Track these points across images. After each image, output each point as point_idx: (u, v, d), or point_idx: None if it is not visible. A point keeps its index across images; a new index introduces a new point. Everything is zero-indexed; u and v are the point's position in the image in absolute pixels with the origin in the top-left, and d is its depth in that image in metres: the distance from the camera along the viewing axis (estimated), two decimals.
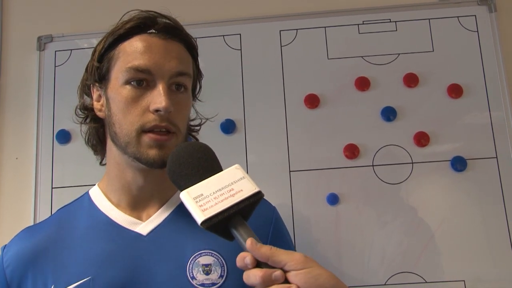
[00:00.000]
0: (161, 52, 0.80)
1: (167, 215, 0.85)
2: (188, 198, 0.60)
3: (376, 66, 1.38)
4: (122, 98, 0.79)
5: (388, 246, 1.27)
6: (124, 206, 0.85)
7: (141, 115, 0.78)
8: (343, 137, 1.34)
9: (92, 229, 0.83)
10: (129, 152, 0.79)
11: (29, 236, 0.86)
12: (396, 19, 1.40)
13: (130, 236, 0.82)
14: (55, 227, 0.86)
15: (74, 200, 0.92)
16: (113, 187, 0.87)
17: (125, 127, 0.79)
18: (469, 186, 1.29)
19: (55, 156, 1.38)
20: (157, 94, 0.78)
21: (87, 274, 0.78)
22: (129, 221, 0.83)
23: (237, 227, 0.59)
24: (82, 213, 0.87)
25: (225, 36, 1.42)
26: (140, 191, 0.85)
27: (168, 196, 0.87)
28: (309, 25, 1.41)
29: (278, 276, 0.55)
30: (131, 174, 0.84)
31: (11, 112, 1.45)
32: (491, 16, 1.38)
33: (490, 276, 1.24)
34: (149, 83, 0.79)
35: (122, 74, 0.79)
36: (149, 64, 0.78)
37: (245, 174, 0.62)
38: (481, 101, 1.34)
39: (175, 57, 0.81)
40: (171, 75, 0.80)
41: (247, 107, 1.38)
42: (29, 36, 1.47)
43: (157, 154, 0.78)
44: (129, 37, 0.82)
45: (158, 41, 0.81)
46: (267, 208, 0.92)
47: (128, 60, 0.80)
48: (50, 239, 0.83)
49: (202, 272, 0.79)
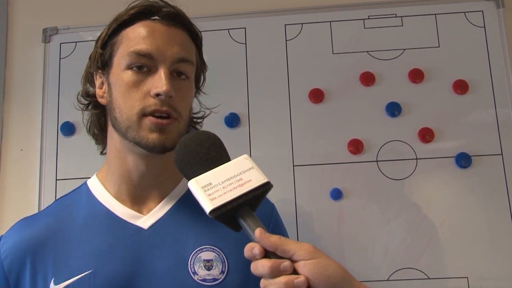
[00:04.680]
0: (164, 37, 0.80)
1: (168, 209, 0.84)
2: (196, 187, 0.60)
3: (381, 61, 1.37)
4: (123, 83, 0.79)
5: (391, 242, 1.27)
6: (124, 198, 0.84)
7: (142, 99, 0.78)
8: (348, 132, 1.34)
9: (92, 221, 0.82)
10: (129, 136, 0.79)
11: (27, 226, 0.84)
12: (402, 14, 1.39)
13: (131, 229, 0.81)
14: (53, 218, 0.85)
15: (72, 191, 0.90)
16: (112, 176, 0.85)
17: (125, 111, 0.79)
18: (473, 183, 1.29)
19: (59, 148, 1.39)
20: (158, 78, 0.77)
21: (88, 267, 0.77)
22: (129, 214, 0.82)
23: (245, 217, 0.59)
24: (81, 204, 0.85)
25: (230, 30, 1.42)
26: (141, 179, 0.84)
27: (169, 190, 0.86)
28: (315, 19, 1.41)
29: (286, 267, 0.55)
30: (132, 161, 0.83)
31: (16, 104, 1.45)
32: (499, 12, 1.37)
33: (494, 273, 1.24)
34: (150, 68, 0.79)
35: (124, 59, 0.79)
36: (150, 49, 0.78)
37: (254, 165, 0.62)
38: (487, 98, 1.33)
39: (178, 43, 0.81)
40: (173, 60, 0.79)
41: (252, 101, 1.37)
42: (34, 28, 1.47)
43: (157, 138, 0.77)
44: (133, 23, 0.82)
45: (161, 27, 0.81)
46: (266, 205, 0.91)
47: (130, 45, 0.79)
48: (49, 230, 0.82)
49: (204, 267, 0.79)
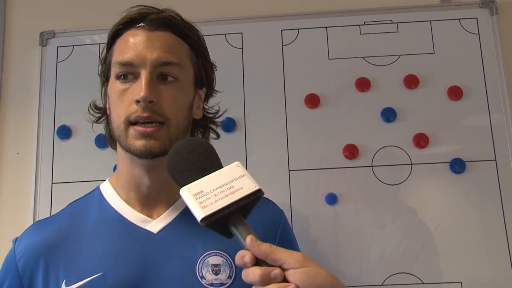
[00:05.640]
0: (144, 43, 0.80)
1: (177, 214, 0.85)
2: (188, 195, 0.60)
3: (377, 67, 1.38)
4: (113, 93, 0.81)
5: (386, 247, 1.28)
6: (134, 203, 0.86)
7: (127, 108, 0.79)
8: (343, 137, 1.34)
9: (103, 225, 0.84)
10: (121, 144, 0.81)
11: (41, 229, 0.86)
12: (398, 21, 1.40)
13: (140, 233, 0.82)
14: (66, 221, 0.86)
15: (85, 195, 0.92)
16: (121, 182, 0.87)
17: (115, 121, 0.81)
18: (467, 188, 1.30)
19: (55, 152, 1.39)
20: (138, 85, 0.78)
21: (99, 269, 0.79)
22: (139, 218, 0.84)
23: (236, 225, 0.59)
24: (93, 208, 0.87)
25: (226, 35, 1.42)
26: (148, 188, 0.85)
27: (177, 195, 0.86)
28: (311, 25, 1.41)
29: (277, 275, 0.55)
30: (137, 171, 0.84)
31: (13, 107, 1.45)
32: (492, 19, 1.38)
33: (487, 278, 1.25)
34: (135, 75, 0.80)
35: (113, 70, 0.82)
36: (131, 57, 0.79)
37: (246, 172, 0.62)
38: (481, 104, 1.34)
39: (159, 46, 0.80)
40: (154, 64, 0.79)
41: (248, 105, 1.38)
42: (32, 32, 1.47)
43: (143, 145, 0.78)
44: (121, 34, 0.84)
45: (143, 33, 0.82)
46: (274, 211, 0.92)
47: (116, 56, 0.82)
48: (62, 233, 0.84)
49: (212, 272, 0.79)
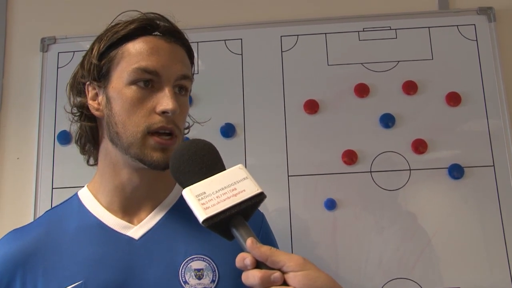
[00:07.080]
0: (167, 54, 0.81)
1: (159, 219, 0.84)
2: (190, 196, 0.60)
3: (376, 73, 1.39)
4: (127, 98, 0.79)
5: (385, 252, 1.28)
6: (116, 209, 0.84)
7: (147, 116, 0.78)
8: (342, 143, 1.35)
9: (83, 232, 0.82)
10: (131, 152, 0.79)
11: (17, 238, 0.84)
12: (396, 27, 1.41)
13: (122, 240, 0.81)
14: (44, 229, 0.84)
15: (62, 202, 0.90)
16: (105, 188, 0.85)
17: (129, 128, 0.79)
18: (466, 194, 1.30)
19: (56, 157, 1.39)
20: (164, 96, 0.78)
21: (79, 277, 0.77)
22: (120, 224, 0.83)
23: (237, 227, 0.59)
24: (72, 215, 0.85)
25: (226, 41, 1.43)
26: (134, 191, 0.84)
27: (160, 199, 0.87)
28: (310, 31, 1.42)
29: (277, 278, 0.56)
30: (126, 175, 0.83)
31: (13, 113, 1.46)
32: (490, 26, 1.39)
33: (486, 283, 1.25)
34: (154, 84, 0.80)
35: (128, 74, 0.79)
36: (157, 66, 0.79)
37: (248, 174, 0.63)
38: (479, 110, 1.35)
39: (180, 60, 0.83)
40: (177, 77, 0.81)
41: (247, 111, 1.38)
42: (33, 38, 1.48)
43: (161, 157, 0.78)
44: (133, 38, 0.82)
45: (164, 44, 0.82)
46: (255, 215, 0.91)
47: (134, 61, 0.80)
48: (39, 242, 0.82)
49: (195, 276, 0.79)
